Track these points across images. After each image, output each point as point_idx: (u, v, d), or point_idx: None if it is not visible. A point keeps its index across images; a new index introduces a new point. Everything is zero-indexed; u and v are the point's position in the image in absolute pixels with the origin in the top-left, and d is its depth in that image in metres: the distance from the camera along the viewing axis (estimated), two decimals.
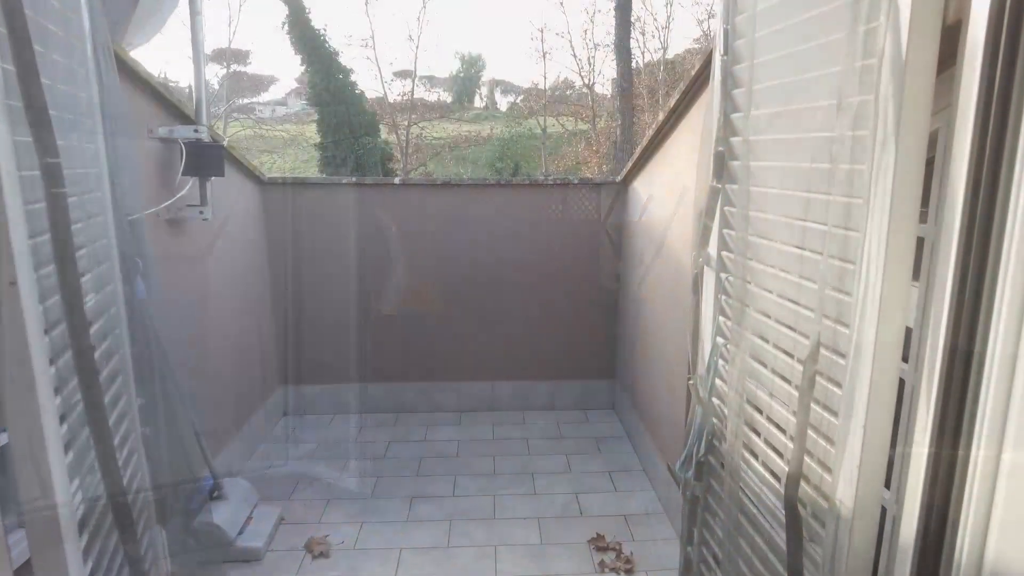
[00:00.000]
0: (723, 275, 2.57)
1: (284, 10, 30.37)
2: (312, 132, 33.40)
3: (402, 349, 6.60)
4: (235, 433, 5.40)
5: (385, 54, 61.31)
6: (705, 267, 2.77)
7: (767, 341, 2.15)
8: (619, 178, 6.26)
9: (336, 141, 29.84)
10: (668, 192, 4.80)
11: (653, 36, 40.79)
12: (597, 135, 37.56)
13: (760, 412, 2.20)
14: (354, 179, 6.37)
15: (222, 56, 40.92)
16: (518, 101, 73.20)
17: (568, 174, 39.36)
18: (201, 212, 4.70)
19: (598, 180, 6.48)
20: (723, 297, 2.57)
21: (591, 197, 6.38)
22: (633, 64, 35.10)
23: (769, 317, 2.14)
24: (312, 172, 34.20)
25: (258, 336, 6.11)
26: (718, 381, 2.56)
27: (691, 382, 2.72)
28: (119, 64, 2.99)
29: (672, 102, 4.46)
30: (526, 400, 6.75)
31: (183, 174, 4.31)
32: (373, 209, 6.33)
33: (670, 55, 42.85)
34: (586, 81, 39.12)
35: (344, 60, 31.56)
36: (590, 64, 38.29)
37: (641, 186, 5.71)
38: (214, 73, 42.92)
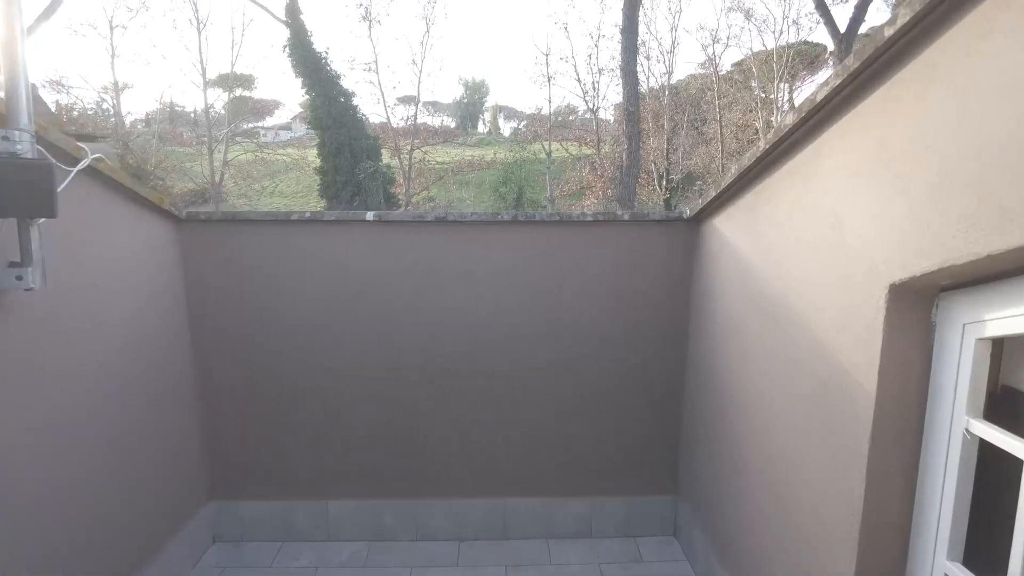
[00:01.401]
0: None
1: (286, 33, 28.76)
2: (314, 156, 31.56)
3: (377, 451, 4.52)
4: (137, 572, 3.33)
5: (388, 78, 59.59)
6: None
7: None
8: (689, 213, 4.22)
9: (337, 166, 28.00)
10: (793, 231, 2.77)
11: (658, 61, 39.12)
12: (601, 160, 35.73)
13: None
14: (308, 215, 4.29)
15: (225, 81, 39.32)
16: (521, 126, 71.90)
17: (573, 198, 37.60)
18: (20, 278, 2.66)
19: (655, 216, 4.41)
20: None
21: (643, 239, 4.33)
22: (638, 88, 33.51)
23: None
24: (313, 196, 32.38)
25: (172, 434, 4.05)
26: None
27: None
28: None
29: (820, 96, 2.42)
30: (551, 525, 4.61)
31: None
32: (338, 255, 4.30)
33: (672, 80, 41.32)
34: (590, 106, 37.39)
35: (346, 84, 29.86)
36: (595, 89, 36.59)
37: (731, 224, 3.65)
38: (216, 97, 41.34)
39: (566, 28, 39.60)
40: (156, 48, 69.90)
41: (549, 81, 35.58)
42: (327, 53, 28.26)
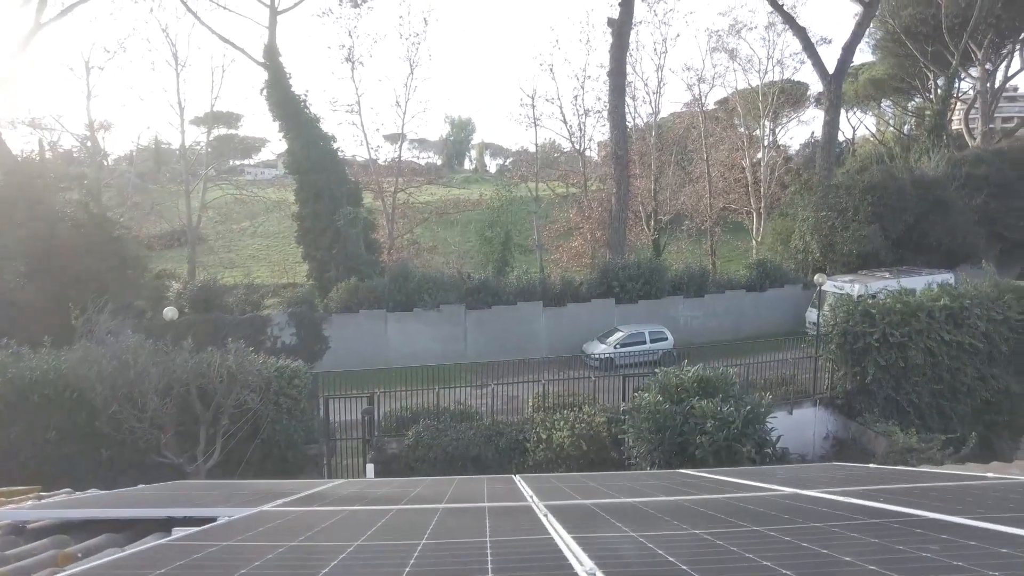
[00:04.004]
0: None
1: (265, 75, 27.62)
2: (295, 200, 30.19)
3: None
4: None
5: (372, 120, 58.77)
6: None
7: None
8: None
9: (315, 212, 26.64)
10: None
11: (644, 101, 38.39)
12: (588, 200, 34.77)
13: None
14: None
15: (206, 121, 38.09)
16: (507, 163, 71.29)
17: (561, 239, 36.51)
18: None
19: None
20: None
21: None
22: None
23: None
24: (291, 241, 31.00)
25: None
26: None
27: None
28: None
29: None
30: None
31: None
32: None
33: (658, 119, 40.67)
34: (577, 147, 36.51)
35: (328, 126, 28.63)
36: (581, 130, 35.79)
37: None
38: (197, 136, 40.10)
39: (551, 69, 38.80)
40: (133, 89, 68.92)
41: (535, 123, 34.58)
42: (306, 96, 27.06)
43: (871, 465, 4.77)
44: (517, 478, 4.08)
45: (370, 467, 12.40)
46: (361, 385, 15.35)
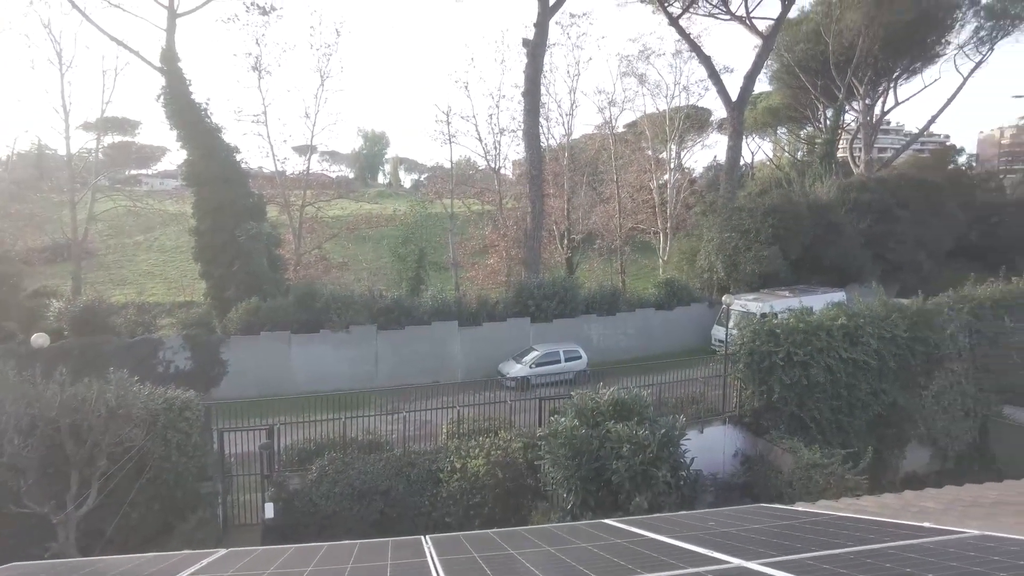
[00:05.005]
0: None
1: (162, 80, 25.76)
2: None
3: None
4: None
5: (280, 130, 56.45)
6: None
7: None
8: None
9: (215, 227, 24.96)
10: None
11: (558, 123, 38.89)
12: (504, 218, 34.68)
13: None
14: None
15: (100, 125, 35.09)
16: (423, 179, 70.48)
17: (477, 257, 36.14)
18: None
19: None
20: None
21: None
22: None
23: None
24: (190, 257, 28.96)
25: None
26: None
27: None
28: None
29: None
30: None
31: None
32: None
33: (571, 141, 41.31)
34: (492, 165, 36.40)
35: (232, 136, 27.19)
36: (496, 148, 35.71)
37: None
38: (85, 143, 36.91)
39: (467, 87, 38.70)
40: (8, 89, 63.00)
41: (450, 140, 34.16)
42: (208, 104, 25.45)
43: (798, 507, 4.60)
44: (427, 544, 3.59)
45: (269, 506, 11.43)
46: (262, 414, 14.28)
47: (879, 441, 15.53)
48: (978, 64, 44.04)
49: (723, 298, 26.14)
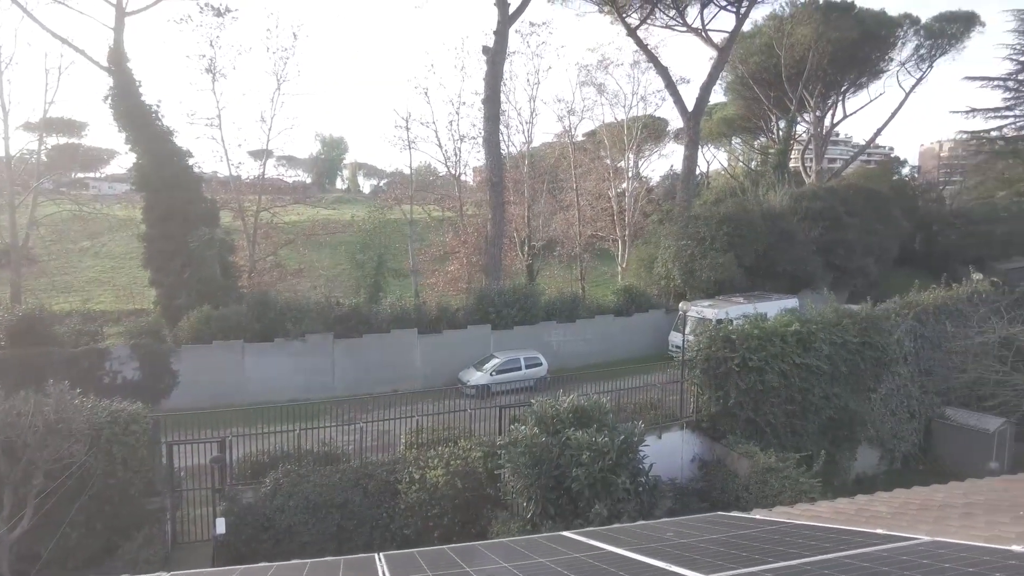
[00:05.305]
0: None
1: (110, 81, 24.88)
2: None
3: None
4: None
5: (235, 134, 55.22)
6: None
7: None
8: None
9: (166, 233, 24.17)
10: None
11: (518, 131, 38.99)
12: (465, 225, 34.52)
13: None
14: None
15: (43, 126, 33.59)
16: (382, 184, 69.74)
17: (437, 263, 35.82)
18: None
19: None
20: None
21: None
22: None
23: None
24: (137, 265, 27.98)
25: None
26: None
27: None
28: None
29: None
30: None
31: None
32: None
33: (531, 149, 41.50)
34: (452, 171, 36.22)
35: (184, 140, 26.40)
36: (456, 155, 35.55)
37: None
38: (27, 143, 35.28)
39: (427, 93, 38.42)
40: None
41: (410, 146, 33.88)
42: (159, 106, 24.65)
43: (755, 515, 4.62)
44: (381, 563, 3.47)
45: (220, 521, 11.02)
46: (214, 425, 13.81)
47: (831, 444, 15.94)
48: (919, 80, 46.24)
49: (680, 305, 26.52)
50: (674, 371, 16.81)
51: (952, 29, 43.66)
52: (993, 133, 50.39)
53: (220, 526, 11.04)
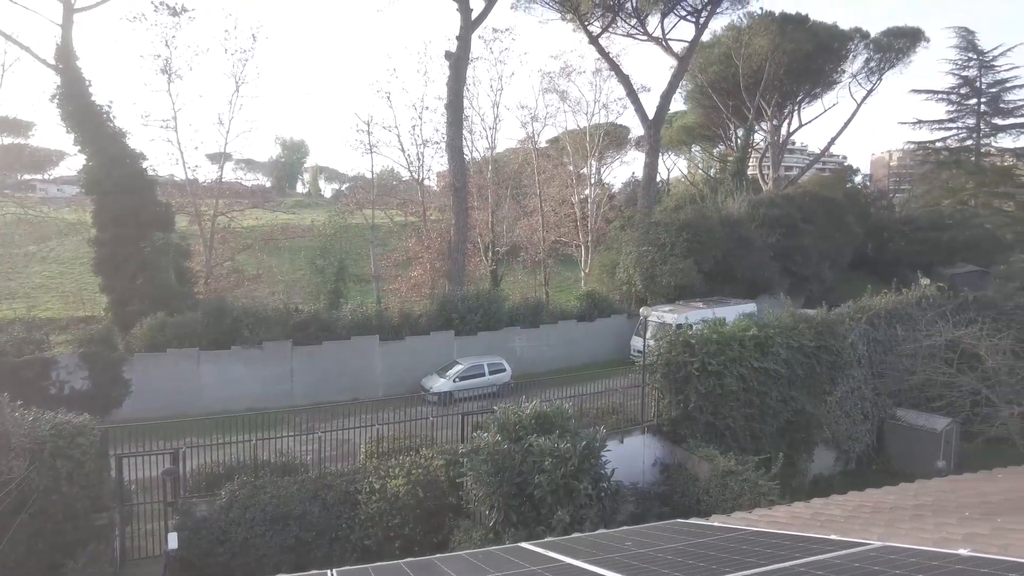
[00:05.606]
0: None
1: (57, 80, 24.00)
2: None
3: None
4: None
5: (191, 136, 53.79)
6: None
7: None
8: None
9: (118, 237, 23.37)
10: None
11: (481, 136, 38.98)
12: (428, 230, 34.30)
13: None
14: None
15: None
16: (343, 189, 68.84)
17: (400, 268, 35.46)
18: None
19: None
20: None
21: None
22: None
23: None
24: (87, 270, 27.03)
25: None
26: None
27: None
28: None
29: None
30: None
31: None
32: None
33: (494, 155, 41.51)
34: (415, 176, 35.97)
35: (137, 142, 25.60)
36: (419, 159, 35.32)
37: None
38: None
39: (389, 97, 38.19)
40: None
41: (371, 150, 33.52)
42: (110, 107, 23.89)
43: (714, 521, 4.64)
44: None
45: (172, 535, 10.64)
46: (167, 436, 13.38)
47: (789, 446, 16.25)
48: (869, 92, 47.95)
49: (641, 310, 26.79)
50: (636, 376, 16.92)
51: (899, 44, 45.42)
52: (938, 144, 52.58)
53: (172, 541, 10.66)
